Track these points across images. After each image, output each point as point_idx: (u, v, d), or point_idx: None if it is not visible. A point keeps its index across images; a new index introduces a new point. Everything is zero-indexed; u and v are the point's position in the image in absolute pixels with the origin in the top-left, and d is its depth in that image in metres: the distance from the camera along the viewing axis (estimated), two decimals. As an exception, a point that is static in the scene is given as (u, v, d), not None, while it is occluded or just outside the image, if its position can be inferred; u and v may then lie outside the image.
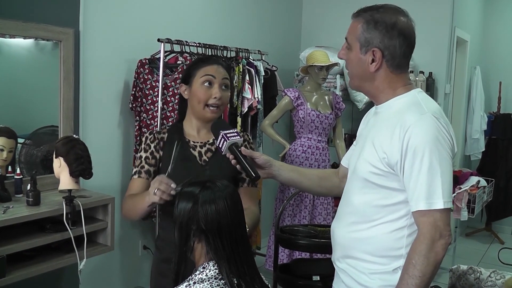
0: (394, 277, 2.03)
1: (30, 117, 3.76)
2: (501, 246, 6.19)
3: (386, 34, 2.02)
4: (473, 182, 5.14)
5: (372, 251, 2.09)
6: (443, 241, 1.92)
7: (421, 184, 1.92)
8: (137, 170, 2.59)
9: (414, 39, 2.09)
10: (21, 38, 3.54)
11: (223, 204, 1.84)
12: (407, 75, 2.14)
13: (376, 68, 2.06)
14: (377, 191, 2.06)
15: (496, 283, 3.65)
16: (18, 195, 3.32)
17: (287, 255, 4.87)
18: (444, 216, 1.93)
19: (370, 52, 2.05)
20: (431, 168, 1.92)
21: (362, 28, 2.05)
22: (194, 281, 1.80)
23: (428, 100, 2.10)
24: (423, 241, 1.92)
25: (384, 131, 2.04)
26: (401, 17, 2.05)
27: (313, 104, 4.93)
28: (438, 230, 1.91)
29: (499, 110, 7.71)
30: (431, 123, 1.95)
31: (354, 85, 2.21)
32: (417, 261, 1.91)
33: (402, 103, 2.07)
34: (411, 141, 1.93)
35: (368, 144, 2.11)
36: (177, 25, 4.81)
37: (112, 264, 4.47)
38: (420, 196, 1.93)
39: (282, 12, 6.51)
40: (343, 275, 2.22)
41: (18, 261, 3.03)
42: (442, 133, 1.96)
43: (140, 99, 4.34)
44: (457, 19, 6.24)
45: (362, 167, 2.11)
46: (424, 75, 5.81)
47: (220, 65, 2.54)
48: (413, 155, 1.93)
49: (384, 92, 2.11)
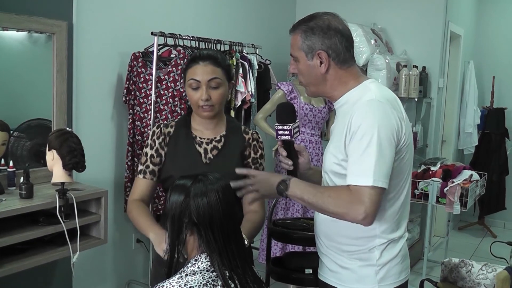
0: (371, 255, 2.19)
1: (23, 110, 3.76)
2: (494, 240, 6.21)
3: (324, 36, 2.15)
4: (466, 176, 5.14)
5: (349, 234, 2.19)
6: (360, 212, 1.96)
7: (355, 161, 2.01)
8: (142, 169, 2.59)
9: (351, 34, 2.22)
10: (14, 30, 3.54)
11: (215, 197, 1.85)
12: (355, 68, 2.24)
13: (325, 68, 2.17)
14: (344, 180, 2.10)
15: (487, 276, 3.67)
16: (11, 188, 3.33)
17: (280, 248, 4.87)
18: (372, 195, 1.97)
19: (316, 55, 2.17)
20: (368, 148, 1.98)
21: (301, 38, 2.18)
22: (186, 273, 1.81)
23: (379, 88, 2.20)
24: (348, 194, 2.00)
25: (342, 123, 2.14)
26: (331, 18, 2.20)
27: (306, 98, 4.93)
28: (362, 204, 1.96)
29: (492, 105, 7.72)
30: (374, 107, 2.04)
31: (312, 92, 2.31)
32: (331, 195, 2.04)
33: (355, 96, 2.16)
34: (353, 124, 2.03)
35: (332, 139, 2.23)
36: (170, 18, 4.80)
37: (105, 258, 4.47)
38: (352, 172, 2.02)
39: (276, 5, 6.51)
40: (326, 260, 2.34)
41: (11, 254, 3.03)
42: (386, 117, 2.03)
43: (133, 92, 4.34)
44: (450, 13, 6.25)
45: (328, 160, 2.22)
46: (417, 69, 5.81)
47: (209, 62, 2.48)
48: (353, 136, 2.03)
49: (338, 89, 2.22)
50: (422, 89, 5.92)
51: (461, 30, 6.95)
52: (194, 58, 2.52)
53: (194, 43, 4.59)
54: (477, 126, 7.54)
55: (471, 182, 5.10)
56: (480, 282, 3.68)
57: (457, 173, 5.24)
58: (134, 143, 4.35)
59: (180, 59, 4.27)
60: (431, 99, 6.24)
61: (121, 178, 4.43)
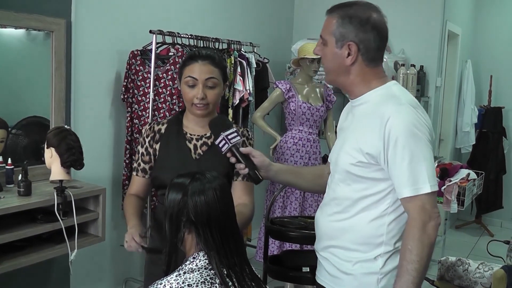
0: (375, 264, 2.13)
1: (21, 107, 3.76)
2: (491, 239, 6.22)
3: (360, 28, 2.08)
4: (463, 175, 5.15)
5: (354, 239, 2.16)
6: (433, 222, 1.99)
7: (405, 171, 2.00)
8: (135, 167, 2.66)
9: (387, 33, 2.16)
10: (12, 28, 3.54)
11: (213, 195, 1.85)
12: (381, 68, 2.20)
13: (352, 61, 2.12)
14: (360, 182, 2.13)
15: (484, 275, 3.68)
16: (9, 185, 3.32)
17: (278, 246, 4.88)
18: (431, 199, 2.01)
19: (345, 46, 2.10)
20: (414, 156, 1.99)
21: (337, 23, 2.11)
22: (184, 271, 1.82)
23: (404, 92, 2.18)
24: (414, 225, 1.99)
25: (364, 124, 2.11)
26: (373, 13, 2.12)
27: (304, 97, 4.94)
28: (427, 213, 1.99)
29: (490, 104, 7.74)
30: (409, 113, 2.03)
31: (330, 80, 2.27)
32: (412, 246, 1.98)
33: (378, 96, 2.13)
34: (392, 131, 2.00)
35: (349, 138, 2.18)
36: (169, 16, 4.80)
37: (103, 255, 4.48)
38: (406, 183, 2.00)
39: (274, 4, 6.50)
40: (326, 263, 2.29)
41: (9, 251, 3.04)
42: (420, 122, 2.03)
43: (131, 90, 4.35)
44: (448, 12, 6.26)
45: (343, 160, 2.17)
46: (415, 68, 5.82)
47: (208, 61, 2.50)
48: (395, 144, 2.00)
49: (359, 86, 2.17)
50: (419, 88, 5.93)
51: (459, 29, 6.96)
52: (192, 56, 2.54)
53: (192, 42, 4.59)
54: (474, 125, 7.55)
55: (468, 181, 5.11)
56: (477, 281, 3.69)
57: (454, 172, 5.25)
58: (132, 141, 4.36)
59: (179, 57, 4.28)
60: (428, 98, 6.24)
61: (119, 176, 4.44)
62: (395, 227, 2.11)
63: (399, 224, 2.11)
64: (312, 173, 2.63)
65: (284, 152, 4.91)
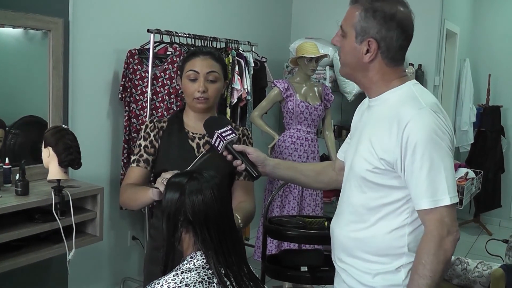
0: (397, 276, 2.01)
1: (18, 106, 3.75)
2: (489, 238, 6.22)
3: (384, 25, 1.94)
4: (462, 174, 5.16)
5: (373, 250, 2.04)
6: (451, 237, 1.88)
7: (424, 181, 1.87)
8: (135, 159, 2.60)
9: (412, 32, 2.02)
10: (10, 27, 3.54)
11: (210, 194, 1.85)
12: (402, 67, 2.07)
13: (370, 59, 1.99)
14: (376, 190, 2.01)
15: (483, 274, 3.68)
16: (7, 185, 3.32)
17: (276, 246, 4.88)
18: (450, 212, 1.88)
19: (365, 42, 1.97)
20: (433, 165, 1.87)
21: (359, 16, 1.96)
22: (181, 270, 1.81)
23: (424, 93, 2.04)
24: (431, 239, 1.87)
25: (381, 127, 1.98)
26: (401, 8, 1.97)
27: (302, 96, 4.94)
28: (445, 226, 1.87)
29: (488, 102, 7.74)
30: (429, 118, 1.89)
31: (346, 73, 2.14)
32: (426, 261, 1.87)
33: (397, 96, 2.01)
34: (410, 138, 1.88)
35: (364, 140, 2.05)
36: (166, 15, 4.80)
37: (101, 255, 4.47)
38: (424, 194, 1.88)
39: (272, 3, 6.50)
40: (345, 275, 2.17)
41: (6, 251, 3.03)
42: (441, 128, 1.90)
43: (129, 89, 4.34)
44: (446, 11, 6.26)
45: (359, 165, 2.05)
46: (413, 67, 5.83)
47: (209, 57, 2.54)
48: (413, 152, 1.88)
49: (377, 84, 2.04)
50: (418, 87, 5.92)
51: (457, 28, 6.96)
52: (194, 52, 2.58)
53: (190, 41, 4.59)
54: (472, 124, 7.55)
55: (466, 180, 5.12)
56: (475, 280, 3.68)
57: (452, 171, 5.25)
58: (130, 140, 4.35)
59: (176, 56, 4.28)
60: (427, 97, 6.23)
61: (117, 175, 4.43)
62: (417, 237, 1.97)
63: (420, 234, 1.96)
64: (312, 170, 2.53)
65: (282, 151, 4.91)
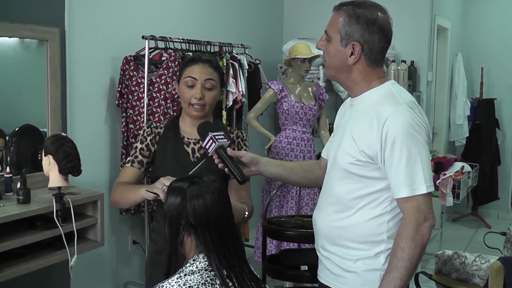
0: (377, 261, 2.15)
1: (17, 115, 3.77)
2: (488, 230, 6.25)
3: (367, 29, 2.09)
4: (458, 168, 5.18)
5: (355, 238, 2.18)
6: (427, 223, 2.03)
7: (402, 172, 2.02)
8: (130, 159, 2.64)
9: (391, 36, 2.17)
10: (5, 37, 3.56)
11: (210, 198, 1.89)
12: (382, 68, 2.22)
13: (354, 61, 2.13)
14: (358, 181, 2.15)
15: (481, 267, 3.70)
16: (8, 194, 3.34)
17: (275, 246, 4.90)
18: (427, 200, 2.04)
19: (350, 45, 2.11)
20: (411, 156, 2.02)
21: (343, 21, 2.11)
22: (184, 273, 1.85)
23: (402, 91, 2.19)
24: (409, 225, 2.02)
25: (362, 123, 2.13)
26: (380, 14, 2.13)
27: (296, 96, 4.97)
28: (422, 213, 2.02)
29: (482, 96, 7.78)
30: (407, 113, 2.05)
31: (330, 75, 2.28)
32: (405, 245, 2.01)
33: (377, 95, 2.16)
34: (389, 132, 2.02)
35: (346, 135, 2.19)
36: (160, 21, 4.83)
37: (102, 260, 4.50)
38: (403, 183, 2.03)
39: (264, 5, 6.53)
40: (328, 263, 2.30)
41: (9, 259, 3.04)
42: (418, 123, 2.06)
43: (126, 95, 4.37)
44: (436, 7, 6.29)
45: (341, 159, 2.19)
46: (406, 64, 5.86)
47: (208, 65, 2.58)
48: (392, 145, 2.02)
49: (360, 85, 2.19)
50: (411, 83, 5.96)
51: (448, 23, 6.99)
52: (193, 59, 2.62)
53: (184, 46, 4.62)
54: (467, 117, 7.57)
55: (463, 174, 5.14)
56: (474, 273, 3.71)
57: (448, 165, 5.28)
58: (128, 146, 4.38)
59: (171, 61, 4.31)
60: (420, 93, 6.28)
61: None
62: (395, 225, 2.13)
63: (398, 222, 2.12)
64: (300, 167, 2.64)
65: (279, 152, 4.93)
